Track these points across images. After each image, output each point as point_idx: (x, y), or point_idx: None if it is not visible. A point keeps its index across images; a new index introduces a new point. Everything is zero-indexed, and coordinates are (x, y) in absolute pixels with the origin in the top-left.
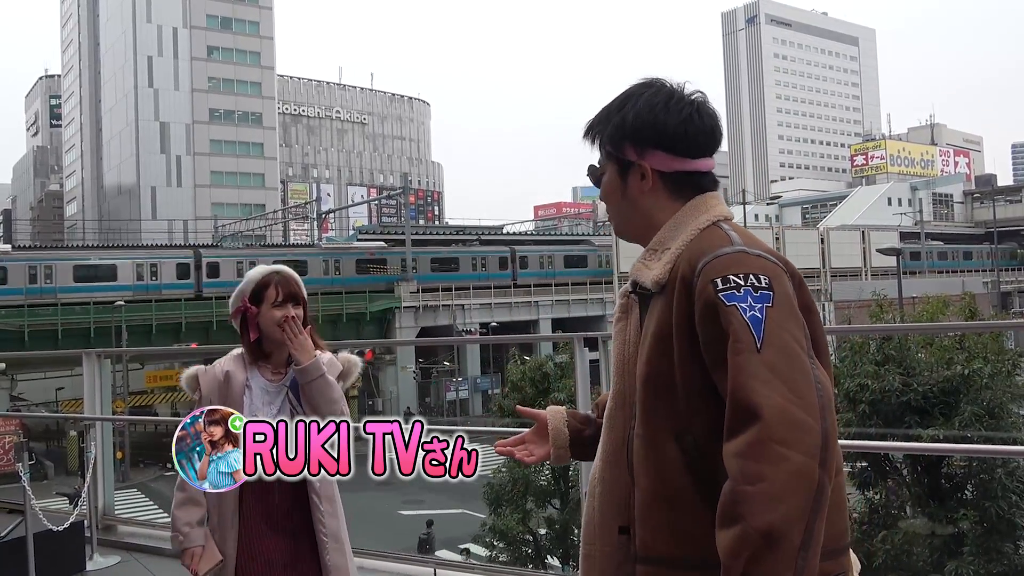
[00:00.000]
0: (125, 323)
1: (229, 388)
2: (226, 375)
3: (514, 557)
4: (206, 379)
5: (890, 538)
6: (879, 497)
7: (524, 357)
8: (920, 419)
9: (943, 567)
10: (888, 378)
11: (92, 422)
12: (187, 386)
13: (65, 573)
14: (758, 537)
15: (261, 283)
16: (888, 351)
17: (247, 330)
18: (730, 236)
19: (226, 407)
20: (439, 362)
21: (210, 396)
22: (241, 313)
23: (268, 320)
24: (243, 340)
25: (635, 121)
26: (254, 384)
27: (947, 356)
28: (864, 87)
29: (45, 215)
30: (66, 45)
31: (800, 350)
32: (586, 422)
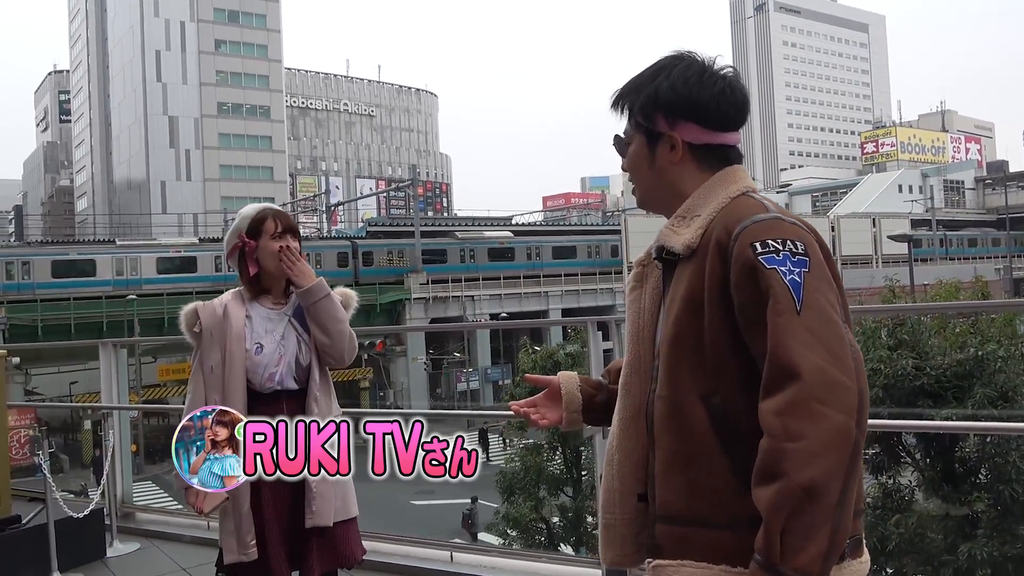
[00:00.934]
0: (138, 316)
1: (228, 322)
2: (225, 309)
3: (527, 545)
4: (205, 312)
5: (904, 522)
6: (892, 481)
7: (535, 347)
8: (933, 403)
9: (957, 549)
10: (901, 362)
11: (110, 411)
12: (186, 321)
13: (86, 559)
14: (800, 491)
15: (257, 218)
16: (901, 336)
17: (245, 265)
18: (764, 204)
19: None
20: (449, 353)
21: (210, 329)
22: (239, 249)
23: (268, 252)
24: (241, 276)
25: (669, 92)
26: (254, 314)
27: (960, 340)
28: (874, 74)
29: (56, 210)
30: (74, 40)
31: (835, 314)
32: (598, 387)
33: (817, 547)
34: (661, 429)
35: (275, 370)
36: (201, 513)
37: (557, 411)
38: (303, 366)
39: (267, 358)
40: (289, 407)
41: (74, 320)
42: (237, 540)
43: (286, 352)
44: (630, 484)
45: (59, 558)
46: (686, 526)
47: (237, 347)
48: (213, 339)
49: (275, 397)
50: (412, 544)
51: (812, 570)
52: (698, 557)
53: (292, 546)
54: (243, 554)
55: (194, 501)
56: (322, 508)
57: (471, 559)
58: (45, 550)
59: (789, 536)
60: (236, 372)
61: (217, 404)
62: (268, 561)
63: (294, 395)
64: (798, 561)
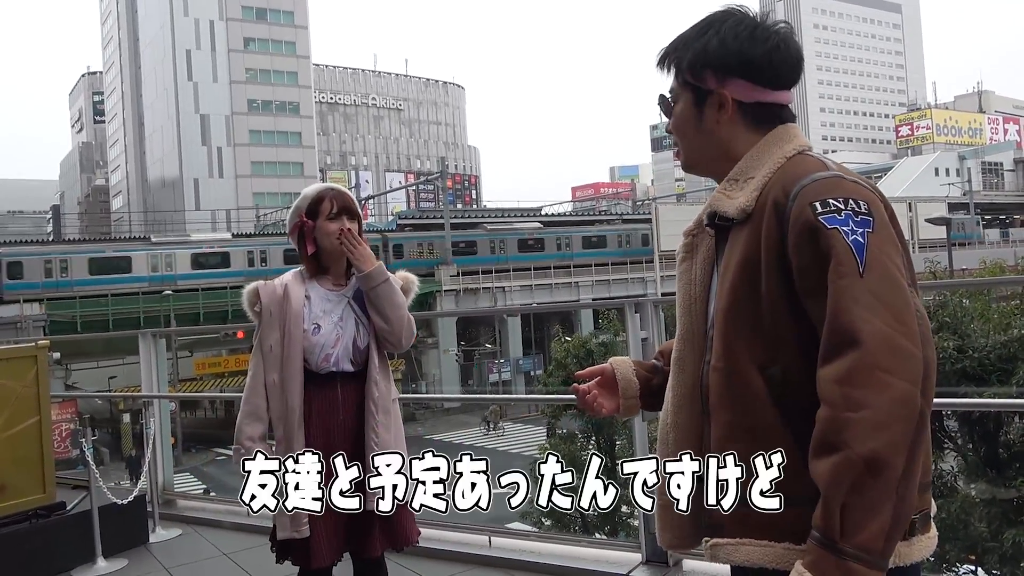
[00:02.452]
0: (174, 311)
1: (288, 301)
2: (285, 288)
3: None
4: (266, 291)
5: (946, 507)
6: (934, 467)
7: (566, 337)
8: (976, 385)
9: (1002, 535)
10: (942, 344)
11: (150, 400)
12: (247, 300)
13: (129, 545)
14: (861, 464)
15: (316, 198)
16: (942, 318)
17: (304, 245)
18: (824, 162)
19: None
20: (481, 344)
21: (270, 307)
22: (298, 229)
23: (324, 232)
24: (301, 255)
25: (719, 48)
26: (313, 294)
27: (1004, 322)
28: (908, 55)
29: (92, 209)
30: (106, 42)
31: (901, 277)
32: (653, 370)
33: (880, 524)
34: (717, 402)
35: (331, 351)
36: None
37: (614, 399)
38: (360, 349)
39: (324, 339)
40: (344, 389)
41: (112, 316)
42: (291, 518)
43: (344, 334)
44: None
45: (103, 543)
46: (745, 503)
47: (295, 327)
48: (273, 318)
49: (331, 378)
50: (450, 529)
51: (874, 548)
52: (759, 535)
53: (347, 527)
54: (296, 531)
55: None
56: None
57: (509, 543)
58: (90, 535)
59: (850, 512)
60: (294, 352)
61: (276, 383)
62: (319, 541)
63: (349, 377)
64: (859, 539)
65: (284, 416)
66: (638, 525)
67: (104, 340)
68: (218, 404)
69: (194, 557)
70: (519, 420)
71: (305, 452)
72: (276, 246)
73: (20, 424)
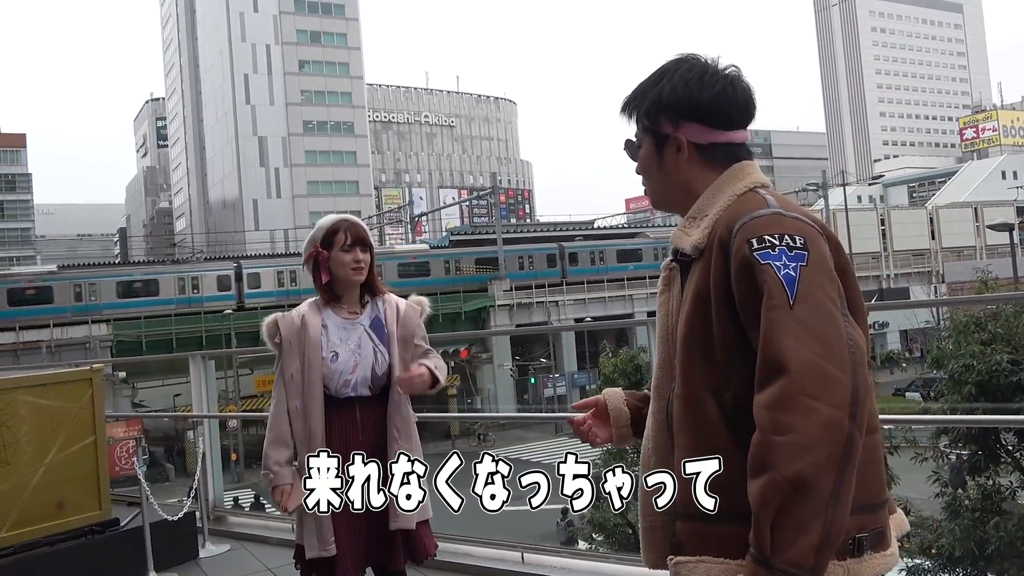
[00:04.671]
0: (235, 330)
1: (306, 330)
2: (302, 319)
3: (613, 550)
4: (284, 323)
5: (1003, 525)
6: (991, 483)
7: (616, 351)
8: None
9: None
10: (995, 357)
11: (200, 420)
12: (267, 332)
13: (180, 560)
14: (787, 485)
15: (331, 229)
16: (995, 329)
17: (319, 274)
18: (766, 199)
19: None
20: (536, 359)
21: (289, 339)
22: (313, 258)
23: (338, 263)
24: (315, 283)
25: (671, 95)
26: (330, 323)
27: None
28: (971, 56)
29: (157, 231)
30: (168, 69)
31: (833, 308)
32: (645, 400)
33: (808, 540)
34: (678, 427)
35: (350, 377)
36: (286, 511)
37: (607, 428)
38: (379, 375)
39: (342, 366)
40: (363, 412)
41: (175, 335)
42: (318, 537)
43: (361, 360)
44: None
45: (155, 558)
46: (704, 522)
47: (314, 355)
48: (292, 348)
49: (350, 403)
50: (484, 545)
51: (805, 563)
52: (716, 552)
53: (367, 543)
54: (323, 550)
55: (280, 499)
56: (404, 513)
57: (542, 559)
58: (142, 551)
59: (779, 529)
60: (314, 379)
61: (298, 409)
62: (344, 557)
63: (367, 400)
64: (789, 554)
65: (307, 440)
66: None
67: (167, 359)
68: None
69: (241, 572)
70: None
71: (320, 453)
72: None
73: (77, 444)
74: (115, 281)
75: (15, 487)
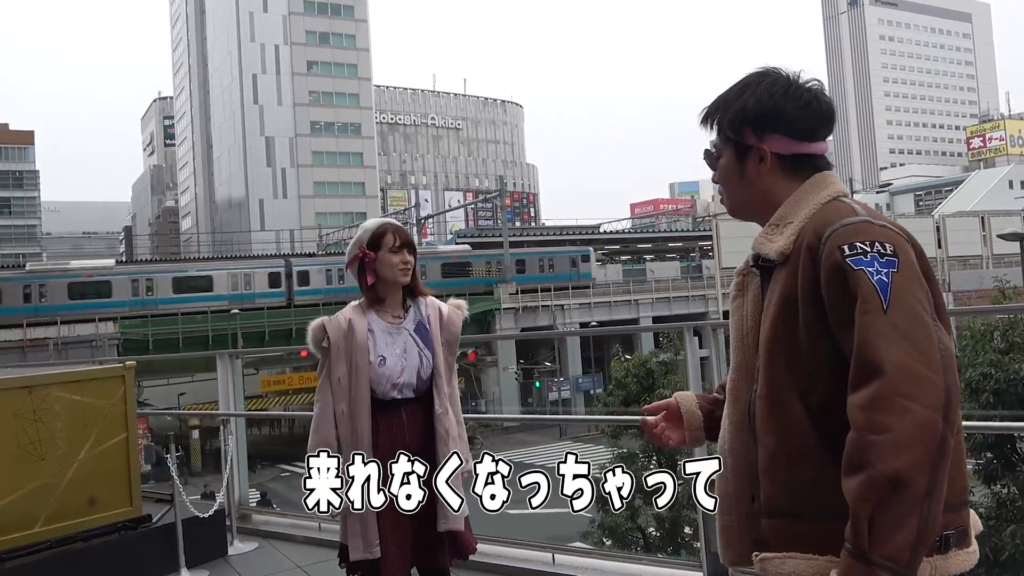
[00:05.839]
0: (240, 330)
1: (353, 334)
2: (349, 323)
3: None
4: (332, 327)
5: (1019, 532)
6: (1007, 491)
7: (626, 356)
8: None
9: None
10: (1014, 366)
11: (227, 418)
12: (314, 337)
13: (210, 557)
14: (885, 482)
15: (379, 231)
16: (1013, 338)
17: (364, 275)
18: (854, 208)
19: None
20: (540, 362)
21: (337, 343)
22: (359, 260)
23: (386, 264)
24: (361, 285)
25: (756, 107)
26: (376, 328)
27: None
28: (979, 65)
29: (162, 230)
30: (177, 68)
31: (924, 312)
32: (715, 403)
33: (905, 536)
34: (763, 427)
35: (398, 381)
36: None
37: (680, 431)
38: (423, 378)
39: (390, 370)
40: (408, 413)
41: (182, 334)
42: (363, 539)
43: (408, 365)
44: (744, 486)
45: (186, 555)
46: (791, 519)
47: (361, 359)
48: (340, 352)
49: (395, 405)
50: (515, 546)
51: (901, 558)
52: (804, 549)
53: (413, 543)
54: (368, 552)
55: None
56: (453, 514)
57: (573, 560)
58: (174, 547)
59: (877, 525)
60: (362, 383)
61: (344, 413)
62: (390, 558)
63: (412, 402)
64: (886, 549)
65: (353, 443)
66: (698, 544)
67: (176, 358)
68: (283, 421)
69: (271, 570)
70: (580, 439)
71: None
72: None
73: (109, 441)
74: (171, 276)
75: (49, 483)
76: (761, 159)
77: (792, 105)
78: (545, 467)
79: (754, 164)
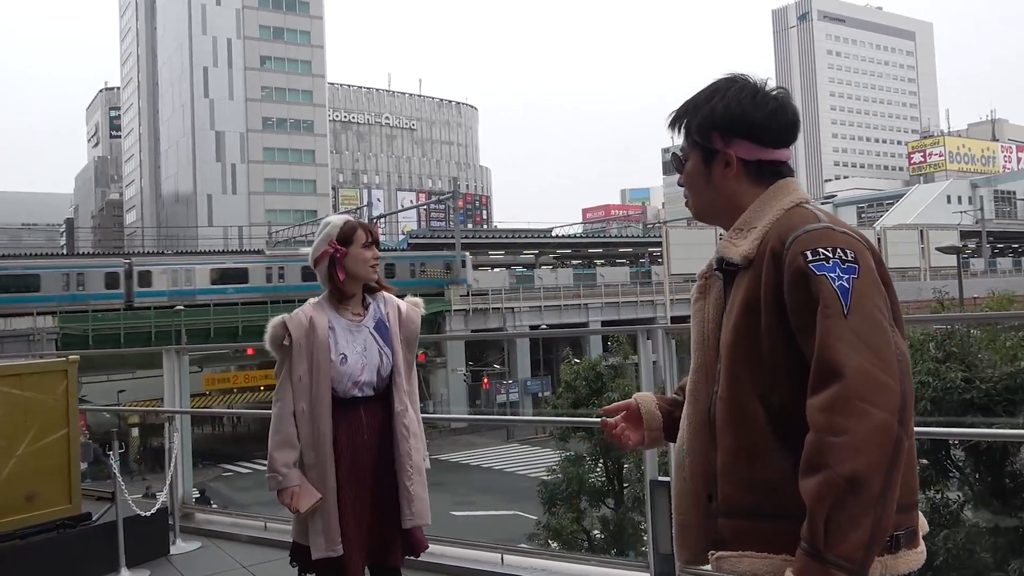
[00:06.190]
0: (185, 327)
1: (315, 332)
2: (310, 320)
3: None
4: (293, 324)
5: (952, 537)
6: (940, 496)
7: (575, 359)
8: (983, 416)
9: (1007, 566)
10: (950, 375)
11: (172, 415)
12: (274, 334)
13: (151, 556)
14: (842, 483)
15: (349, 227)
16: (950, 348)
17: (334, 271)
18: (816, 214)
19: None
20: (489, 364)
21: (299, 340)
22: (328, 256)
23: (358, 259)
24: (329, 281)
25: (724, 112)
26: (337, 325)
27: (1011, 353)
28: (921, 82)
29: (106, 223)
30: (125, 58)
31: (883, 318)
32: (674, 404)
33: (859, 536)
34: (723, 428)
35: (358, 379)
36: (297, 512)
37: (639, 431)
38: (383, 376)
39: (351, 368)
40: (367, 412)
41: (124, 330)
42: (326, 538)
43: (368, 363)
44: (702, 485)
45: (127, 554)
46: (747, 519)
47: (323, 357)
48: (301, 349)
49: (354, 403)
50: (464, 546)
51: (855, 557)
52: (759, 548)
53: (371, 540)
54: (331, 550)
55: (288, 501)
56: (420, 509)
57: (521, 561)
58: (114, 546)
59: (832, 524)
60: (323, 381)
61: (305, 411)
62: (350, 557)
63: (371, 400)
64: (841, 548)
65: (314, 442)
66: (647, 544)
67: (117, 354)
68: (225, 420)
69: (214, 569)
70: (527, 441)
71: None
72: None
73: (49, 436)
74: (208, 268)
75: None
76: (727, 164)
77: (759, 112)
78: (492, 470)
79: (720, 169)
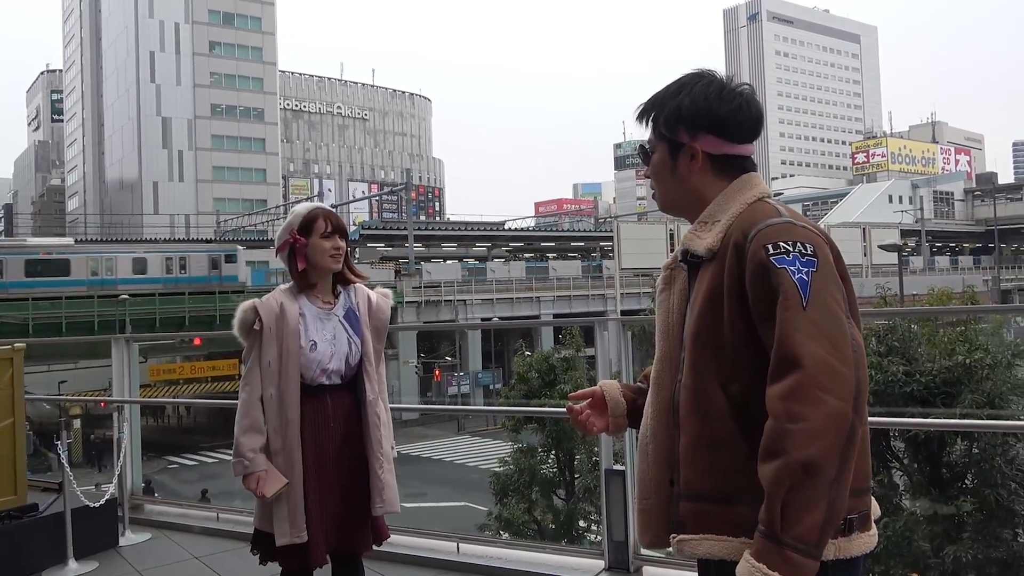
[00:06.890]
0: (130, 316)
1: (284, 318)
2: (280, 306)
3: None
4: (264, 309)
5: (891, 525)
6: (881, 484)
7: (527, 352)
8: (922, 408)
9: (943, 552)
10: (891, 368)
11: (121, 406)
12: (244, 319)
13: (100, 548)
14: (799, 468)
15: (309, 216)
16: (891, 342)
17: (295, 261)
18: (778, 209)
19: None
20: (441, 356)
21: (269, 324)
22: (289, 245)
23: (317, 250)
24: (291, 271)
25: (691, 107)
26: (307, 312)
27: (950, 348)
28: (866, 85)
29: (47, 209)
30: (68, 40)
31: (839, 310)
32: (638, 392)
33: (814, 519)
34: (686, 415)
35: (327, 367)
36: (263, 497)
37: (604, 418)
38: (351, 365)
39: (320, 356)
40: (333, 400)
41: (65, 319)
42: (291, 524)
43: (336, 351)
44: (664, 471)
45: (74, 546)
46: (708, 503)
47: (293, 343)
48: (272, 335)
49: (320, 390)
50: (420, 536)
51: (810, 539)
52: (718, 531)
53: (338, 527)
54: (296, 536)
55: (255, 487)
56: (391, 497)
57: (477, 550)
58: (61, 538)
59: (789, 508)
60: (291, 367)
61: (273, 397)
62: (314, 544)
63: (338, 389)
64: (797, 530)
65: (282, 428)
66: (602, 533)
67: (56, 344)
68: (170, 412)
69: (166, 560)
70: (478, 433)
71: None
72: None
73: None
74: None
75: None
76: (692, 157)
77: (725, 107)
78: (443, 462)
79: (686, 162)
